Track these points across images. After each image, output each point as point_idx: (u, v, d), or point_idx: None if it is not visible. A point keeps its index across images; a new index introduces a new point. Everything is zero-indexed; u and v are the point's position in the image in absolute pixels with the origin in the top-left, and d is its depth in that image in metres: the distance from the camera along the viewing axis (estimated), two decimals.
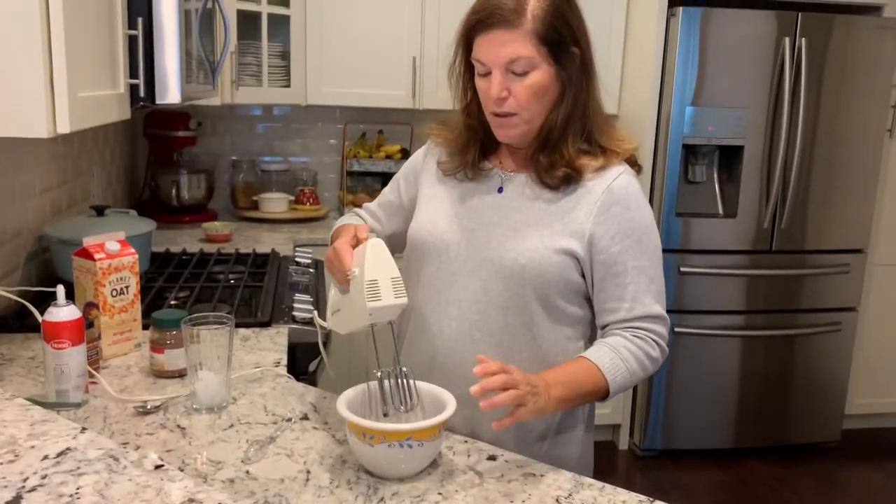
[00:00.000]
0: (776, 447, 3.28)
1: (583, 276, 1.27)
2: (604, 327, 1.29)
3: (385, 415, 1.11)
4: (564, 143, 1.25)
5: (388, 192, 1.49)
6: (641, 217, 1.26)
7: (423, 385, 1.17)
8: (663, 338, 1.28)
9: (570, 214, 1.25)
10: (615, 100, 3.24)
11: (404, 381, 1.14)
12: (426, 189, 1.39)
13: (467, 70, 1.29)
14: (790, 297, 3.12)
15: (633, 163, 1.31)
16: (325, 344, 1.79)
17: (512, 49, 1.18)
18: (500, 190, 1.32)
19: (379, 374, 1.14)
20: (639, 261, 1.25)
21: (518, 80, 1.20)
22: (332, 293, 1.29)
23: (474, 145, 1.33)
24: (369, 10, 3.04)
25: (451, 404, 1.11)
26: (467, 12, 1.24)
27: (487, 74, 1.22)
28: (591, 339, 1.33)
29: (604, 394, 1.22)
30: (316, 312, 1.36)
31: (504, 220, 1.28)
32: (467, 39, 1.25)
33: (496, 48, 1.19)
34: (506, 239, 1.26)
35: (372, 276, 1.12)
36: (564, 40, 1.21)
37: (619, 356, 1.22)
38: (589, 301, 1.30)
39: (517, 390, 1.06)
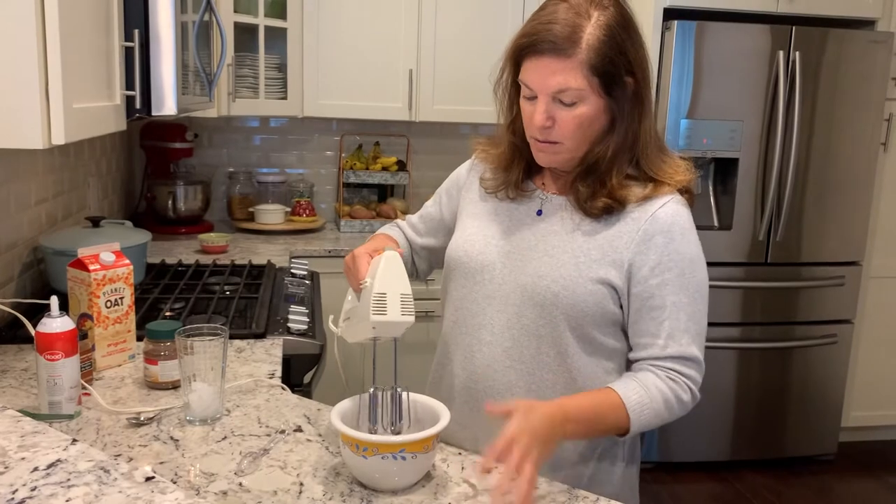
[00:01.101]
0: (772, 460, 3.27)
1: (621, 306, 1.20)
2: (635, 361, 1.21)
3: (372, 433, 1.11)
4: (609, 175, 1.19)
5: (429, 206, 1.46)
6: (686, 249, 1.18)
7: (417, 397, 1.17)
8: (696, 383, 1.19)
9: (611, 242, 1.18)
10: None
11: (398, 400, 1.14)
12: (466, 206, 1.36)
13: (514, 86, 1.23)
14: (786, 310, 3.12)
15: (686, 191, 1.22)
16: (318, 358, 1.79)
17: (562, 79, 1.12)
18: (540, 213, 1.26)
19: (372, 390, 1.13)
20: (678, 296, 1.16)
21: (565, 110, 1.14)
22: (347, 300, 1.28)
23: (519, 164, 1.28)
24: (366, 23, 3.05)
25: (444, 416, 1.10)
26: (518, 33, 1.17)
27: (533, 98, 1.16)
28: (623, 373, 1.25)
29: (624, 431, 1.16)
30: (332, 317, 1.34)
31: (541, 244, 1.23)
32: (516, 60, 1.19)
33: (545, 76, 1.13)
34: (541, 265, 1.21)
35: (381, 289, 1.10)
36: (618, 72, 1.14)
37: (648, 394, 1.15)
38: (626, 332, 1.23)
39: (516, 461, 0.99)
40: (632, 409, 1.13)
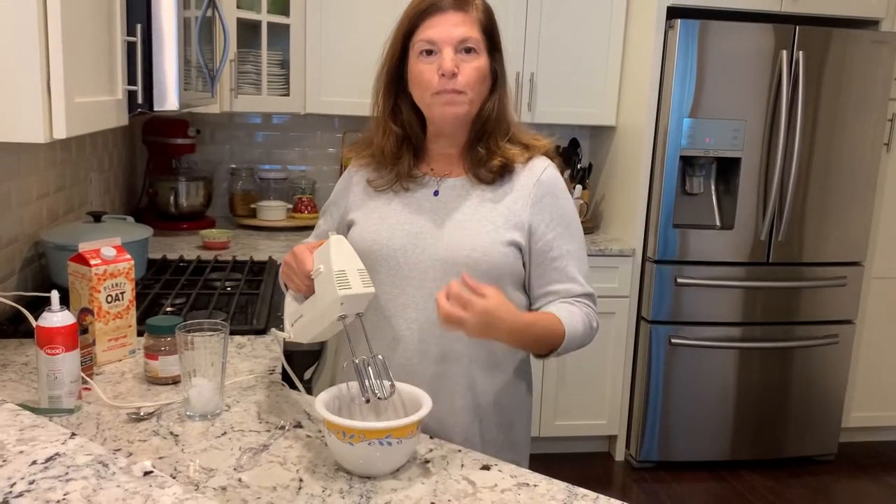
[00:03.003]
0: (773, 460, 3.27)
1: (524, 265, 1.34)
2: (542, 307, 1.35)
3: (367, 401, 1.14)
4: (495, 137, 1.34)
5: (321, 224, 1.52)
6: (569, 206, 1.37)
7: (399, 385, 1.18)
8: (596, 316, 1.38)
9: (510, 207, 1.33)
10: (613, 111, 3.25)
11: (381, 368, 1.16)
12: (359, 206, 1.41)
13: (398, 70, 1.35)
14: (787, 310, 3.12)
15: (553, 157, 1.41)
16: (316, 357, 1.80)
17: (465, 29, 1.28)
18: (436, 193, 1.36)
19: (357, 361, 1.15)
20: (570, 245, 1.35)
21: (466, 61, 1.28)
22: (288, 303, 1.31)
23: (407, 151, 1.37)
24: (368, 20, 3.04)
25: (427, 402, 1.13)
26: (411, 4, 1.32)
27: (431, 55, 1.28)
28: None
29: (560, 340, 1.28)
30: (273, 329, 1.37)
31: (447, 221, 1.33)
32: (413, 26, 1.31)
33: (450, 28, 1.27)
34: (454, 238, 1.31)
35: (340, 267, 1.15)
36: (497, 38, 1.33)
37: (571, 314, 1.30)
38: (524, 288, 1.37)
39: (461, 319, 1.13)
40: (565, 322, 1.28)
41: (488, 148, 1.33)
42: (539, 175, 1.34)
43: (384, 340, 1.35)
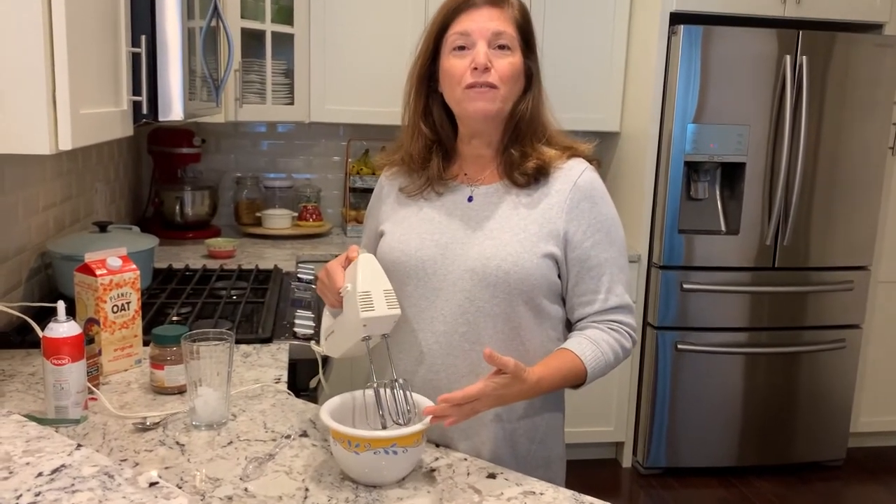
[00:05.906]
0: (780, 466, 3.25)
1: (559, 276, 1.30)
2: (579, 320, 1.31)
3: (383, 427, 1.12)
4: (530, 141, 1.30)
5: (364, 237, 1.50)
6: (608, 211, 1.31)
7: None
8: (635, 329, 1.33)
9: (544, 215, 1.28)
10: (617, 117, 3.25)
11: (401, 392, 1.15)
12: (390, 216, 1.39)
13: (427, 70, 1.33)
14: (793, 315, 3.11)
15: (592, 159, 1.36)
16: (324, 362, 1.79)
17: (500, 23, 1.26)
18: (471, 199, 1.32)
19: (376, 385, 1.14)
20: (609, 252, 1.29)
21: (500, 57, 1.26)
22: (325, 317, 1.31)
23: (437, 154, 1.34)
24: (373, 28, 3.06)
25: None
26: (444, 2, 1.31)
27: (463, 50, 1.26)
28: (563, 339, 1.34)
29: (579, 383, 1.26)
30: (313, 342, 1.37)
31: (478, 230, 1.29)
32: (444, 22, 1.29)
33: (485, 21, 1.26)
34: (485, 248, 1.26)
35: (364, 288, 1.13)
36: (532, 38, 1.31)
37: (599, 349, 1.26)
38: (563, 300, 1.33)
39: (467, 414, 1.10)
40: (588, 365, 1.24)
41: (523, 150, 1.29)
42: (575, 179, 1.29)
43: (411, 354, 1.32)
